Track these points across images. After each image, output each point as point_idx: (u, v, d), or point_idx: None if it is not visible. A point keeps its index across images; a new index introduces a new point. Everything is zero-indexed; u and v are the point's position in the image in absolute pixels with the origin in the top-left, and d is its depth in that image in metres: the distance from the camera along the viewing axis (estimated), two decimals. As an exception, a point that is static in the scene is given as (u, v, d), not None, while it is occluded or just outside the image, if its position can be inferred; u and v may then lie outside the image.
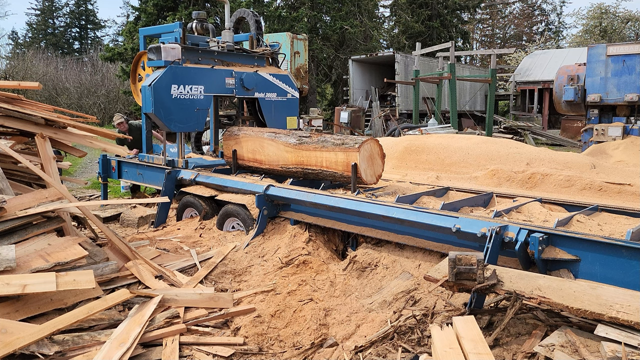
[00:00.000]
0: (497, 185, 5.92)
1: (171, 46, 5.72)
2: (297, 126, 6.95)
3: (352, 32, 25.03)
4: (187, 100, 5.87)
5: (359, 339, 3.38)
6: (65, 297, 3.51)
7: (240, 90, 6.33)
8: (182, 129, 6.01)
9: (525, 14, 43.09)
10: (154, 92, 5.61)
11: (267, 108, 6.66)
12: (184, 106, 5.85)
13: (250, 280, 4.41)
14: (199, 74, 5.96)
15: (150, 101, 5.63)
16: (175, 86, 5.75)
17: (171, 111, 5.76)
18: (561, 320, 2.82)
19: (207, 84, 6.04)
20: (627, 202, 4.90)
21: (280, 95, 6.77)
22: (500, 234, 3.36)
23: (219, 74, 6.15)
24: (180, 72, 5.78)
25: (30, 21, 46.85)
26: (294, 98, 6.92)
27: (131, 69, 6.93)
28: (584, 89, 11.67)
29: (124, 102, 26.92)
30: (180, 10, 19.73)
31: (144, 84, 5.79)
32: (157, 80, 5.62)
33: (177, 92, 5.76)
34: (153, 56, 5.78)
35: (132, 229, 6.48)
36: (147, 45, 6.65)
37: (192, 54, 6.05)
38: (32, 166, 4.57)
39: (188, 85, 5.86)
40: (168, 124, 5.80)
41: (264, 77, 6.57)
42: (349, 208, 4.36)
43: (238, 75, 6.29)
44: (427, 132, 13.74)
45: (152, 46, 5.80)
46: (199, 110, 5.99)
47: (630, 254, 3.02)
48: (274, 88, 6.68)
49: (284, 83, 6.79)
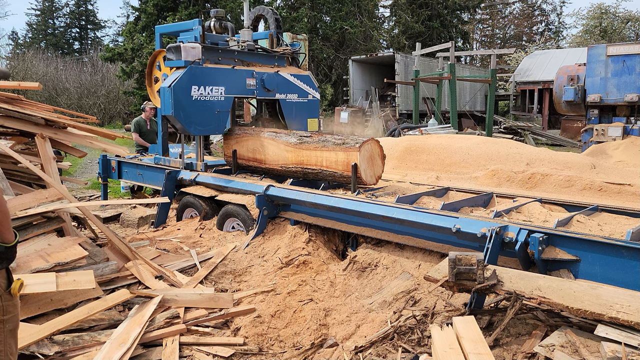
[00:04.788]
0: (497, 186, 5.92)
1: (191, 45, 5.48)
2: (318, 128, 6.72)
3: (352, 32, 25.05)
4: (208, 102, 5.62)
5: (359, 339, 3.38)
6: (66, 298, 3.52)
7: (261, 91, 6.10)
8: (202, 132, 5.76)
9: (525, 14, 43.09)
10: (174, 94, 5.37)
11: (288, 110, 6.42)
12: (204, 108, 5.60)
13: (250, 281, 4.41)
14: (220, 74, 5.72)
15: (169, 103, 5.39)
16: (196, 87, 5.50)
17: (191, 113, 5.51)
18: (561, 321, 2.82)
19: (228, 85, 5.79)
20: (627, 202, 4.90)
21: (302, 96, 6.54)
22: (500, 234, 3.36)
23: (240, 75, 5.91)
24: (200, 73, 5.55)
25: (30, 21, 46.89)
26: (315, 99, 6.70)
27: (147, 70, 6.60)
28: (584, 89, 11.67)
29: (124, 103, 26.93)
30: (181, 11, 19.72)
31: (163, 85, 5.54)
32: (177, 81, 5.38)
33: (197, 94, 5.52)
34: (172, 56, 5.55)
35: (132, 229, 6.48)
36: (164, 44, 6.46)
37: (212, 54, 5.82)
38: (32, 166, 4.57)
39: (209, 86, 5.61)
40: (188, 127, 5.55)
41: (285, 77, 6.33)
42: (349, 208, 4.36)
43: (259, 76, 6.05)
44: (427, 132, 13.74)
45: (171, 45, 5.57)
46: (219, 113, 5.74)
47: (630, 254, 3.01)
48: (295, 89, 6.46)
49: (305, 84, 6.55)
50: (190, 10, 19.74)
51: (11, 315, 2.23)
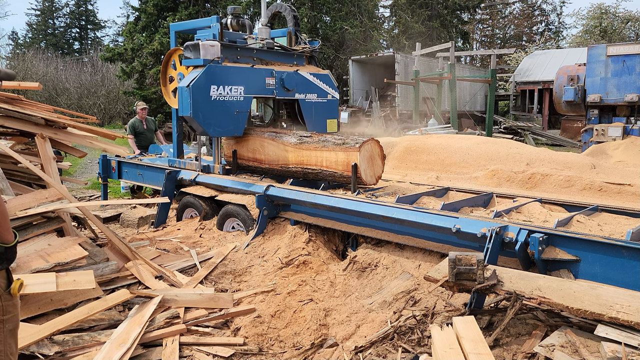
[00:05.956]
0: (497, 186, 5.92)
1: (210, 43, 5.26)
2: (337, 129, 6.52)
3: (352, 33, 25.02)
4: (227, 102, 5.44)
5: (359, 339, 3.38)
6: (66, 298, 3.52)
7: (281, 91, 5.91)
8: (221, 133, 5.59)
9: (525, 14, 43.07)
10: (192, 94, 5.18)
11: (308, 110, 6.21)
12: (223, 109, 5.41)
13: (250, 281, 4.41)
14: (239, 73, 5.54)
15: (188, 103, 5.20)
16: (215, 87, 5.31)
17: (210, 114, 5.32)
18: (561, 321, 2.82)
19: (247, 85, 5.61)
20: (627, 202, 4.90)
21: (321, 96, 6.34)
22: (500, 234, 3.36)
23: (259, 74, 5.72)
24: (219, 72, 5.35)
25: (30, 21, 46.87)
26: (335, 99, 6.50)
27: (161, 69, 6.38)
28: (584, 89, 11.67)
29: (124, 103, 26.93)
30: (181, 11, 19.72)
31: (180, 84, 5.37)
32: (196, 80, 5.19)
33: (216, 94, 5.33)
34: (190, 54, 5.34)
35: (132, 229, 6.48)
36: (178, 43, 6.30)
37: (231, 52, 5.61)
38: (32, 166, 4.57)
39: (228, 85, 5.42)
40: (207, 129, 5.37)
41: (305, 76, 6.13)
42: (349, 208, 4.36)
43: (278, 75, 5.86)
44: (427, 132, 13.73)
45: (189, 43, 5.37)
46: (238, 113, 5.56)
47: (630, 254, 3.01)
48: (315, 89, 6.25)
49: (325, 83, 6.36)
50: (190, 10, 19.74)
51: (11, 315, 2.23)
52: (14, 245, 2.22)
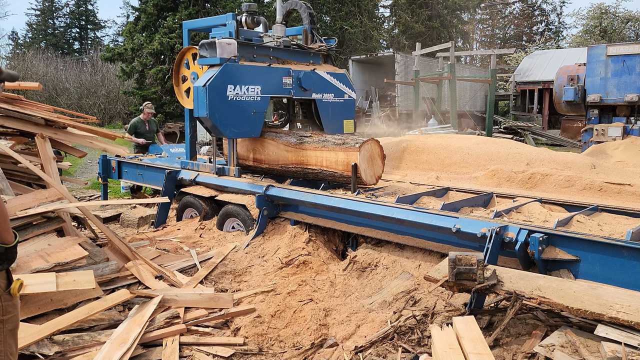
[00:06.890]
0: (497, 186, 5.91)
1: (227, 41, 5.08)
2: (353, 130, 6.32)
3: (352, 32, 25.03)
4: (244, 102, 5.26)
5: (359, 339, 3.38)
6: (66, 298, 3.52)
7: (298, 90, 5.72)
8: (237, 134, 5.42)
9: (525, 14, 43.06)
10: (209, 94, 5.00)
11: (325, 110, 6.03)
12: (240, 109, 5.25)
13: (250, 281, 4.41)
14: (256, 72, 5.36)
15: (204, 103, 5.02)
16: (231, 86, 5.14)
17: (226, 115, 5.16)
18: (561, 321, 2.82)
19: (264, 84, 5.43)
20: (627, 202, 4.90)
21: (338, 96, 6.16)
22: (500, 234, 3.36)
23: (276, 73, 5.54)
24: (236, 71, 5.18)
25: (30, 21, 46.85)
26: (351, 99, 6.32)
27: (174, 68, 6.18)
28: (584, 89, 11.67)
29: (124, 103, 26.93)
30: (181, 11, 19.72)
31: (196, 84, 5.19)
32: (212, 79, 5.01)
33: (232, 93, 5.15)
34: (206, 53, 5.18)
35: (132, 229, 6.48)
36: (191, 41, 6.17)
37: (247, 51, 5.44)
38: (32, 166, 4.57)
39: (245, 85, 5.24)
40: (223, 130, 5.20)
41: (322, 76, 5.95)
42: (349, 208, 4.36)
43: (295, 74, 5.67)
44: (427, 132, 13.73)
45: (204, 41, 5.21)
46: (255, 114, 5.39)
47: (630, 254, 3.01)
48: (332, 88, 6.08)
49: (341, 83, 6.18)
50: (190, 10, 19.74)
51: (11, 315, 2.23)
52: (14, 245, 2.22)
